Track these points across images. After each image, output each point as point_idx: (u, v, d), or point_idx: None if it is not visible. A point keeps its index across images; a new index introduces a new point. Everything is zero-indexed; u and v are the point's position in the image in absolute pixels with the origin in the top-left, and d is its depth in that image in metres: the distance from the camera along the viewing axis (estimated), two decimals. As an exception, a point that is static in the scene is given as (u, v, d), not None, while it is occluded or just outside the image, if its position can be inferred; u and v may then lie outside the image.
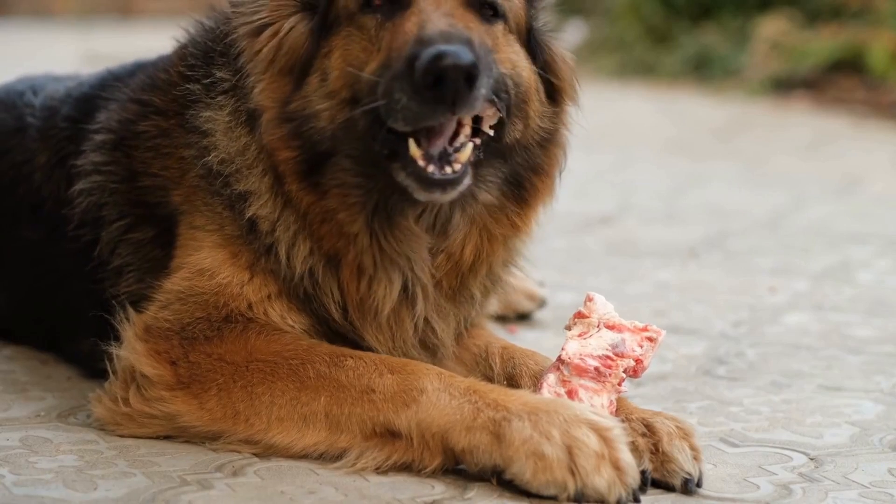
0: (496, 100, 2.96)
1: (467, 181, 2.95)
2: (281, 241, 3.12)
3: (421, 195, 2.94)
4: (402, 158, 2.91)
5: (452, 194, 2.94)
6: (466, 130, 2.95)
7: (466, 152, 2.94)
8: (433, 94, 2.78)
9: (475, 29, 2.97)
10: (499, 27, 3.12)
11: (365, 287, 3.12)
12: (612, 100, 12.21)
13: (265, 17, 3.12)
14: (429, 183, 2.89)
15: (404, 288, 3.14)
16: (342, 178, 3.04)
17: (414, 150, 2.89)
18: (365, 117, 2.94)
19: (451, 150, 2.91)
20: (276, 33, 3.10)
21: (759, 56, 12.86)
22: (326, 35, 3.07)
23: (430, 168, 2.88)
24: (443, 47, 2.77)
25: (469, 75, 2.77)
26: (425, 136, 2.90)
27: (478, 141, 3.00)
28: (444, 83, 2.76)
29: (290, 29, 3.09)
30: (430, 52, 2.76)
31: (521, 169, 3.17)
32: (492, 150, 3.08)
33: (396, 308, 3.15)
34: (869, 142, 10.05)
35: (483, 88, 2.84)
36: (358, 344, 3.16)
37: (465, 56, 2.77)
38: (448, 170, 2.90)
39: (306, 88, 3.05)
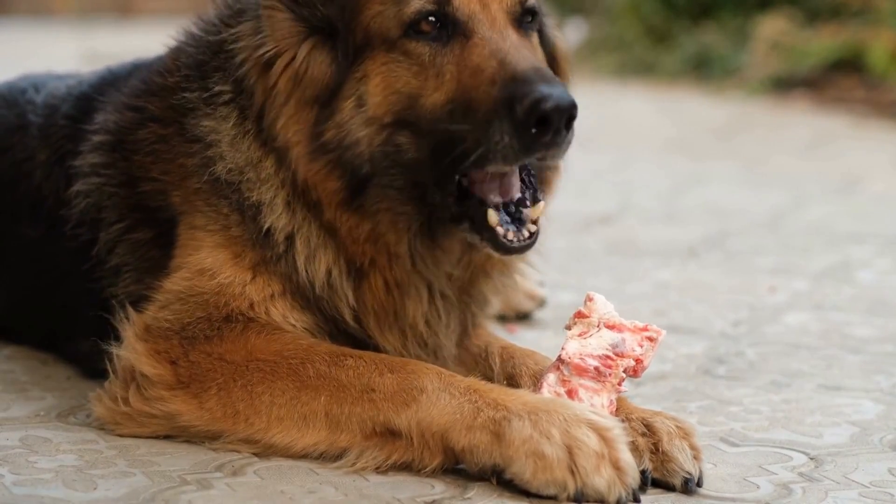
0: None
1: (540, 238, 3.02)
2: (299, 253, 3.10)
3: (495, 256, 3.08)
4: (476, 224, 2.96)
5: (528, 253, 3.06)
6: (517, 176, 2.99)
7: (538, 210, 2.99)
8: (537, 132, 2.81)
9: (530, 52, 2.99)
10: (534, 37, 3.13)
11: (395, 299, 3.13)
12: (611, 99, 12.21)
13: (272, 49, 3.05)
14: (506, 249, 2.96)
15: (430, 298, 3.16)
16: (390, 205, 3.03)
17: (493, 217, 2.94)
18: (421, 149, 2.95)
19: (526, 200, 2.97)
20: (289, 63, 3.03)
21: (759, 56, 12.85)
22: (355, 59, 3.01)
23: (510, 235, 2.94)
24: (545, 90, 2.80)
25: (571, 117, 2.83)
26: (496, 190, 2.96)
27: (542, 203, 3.02)
28: (548, 124, 2.80)
29: (306, 57, 3.02)
30: (535, 94, 2.79)
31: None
32: None
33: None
34: (869, 142, 10.04)
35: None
36: (364, 341, 3.16)
37: (567, 98, 2.82)
38: (525, 233, 2.96)
39: (340, 116, 3.00)
